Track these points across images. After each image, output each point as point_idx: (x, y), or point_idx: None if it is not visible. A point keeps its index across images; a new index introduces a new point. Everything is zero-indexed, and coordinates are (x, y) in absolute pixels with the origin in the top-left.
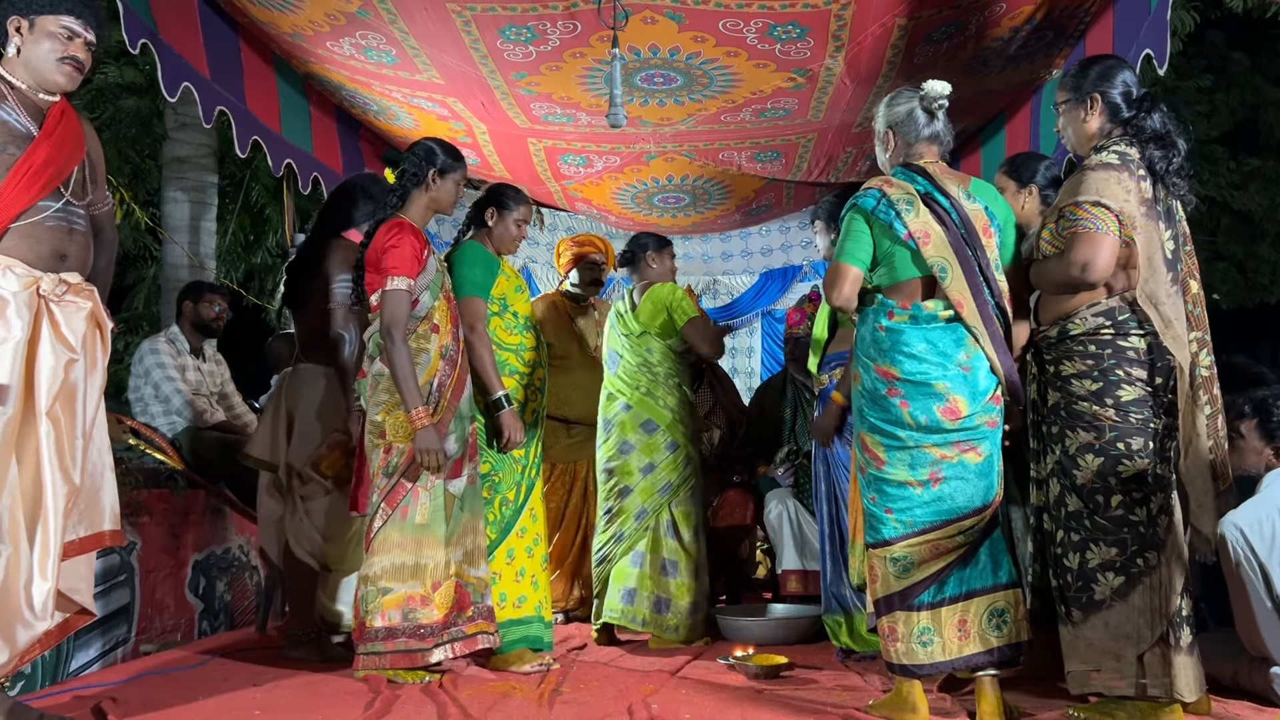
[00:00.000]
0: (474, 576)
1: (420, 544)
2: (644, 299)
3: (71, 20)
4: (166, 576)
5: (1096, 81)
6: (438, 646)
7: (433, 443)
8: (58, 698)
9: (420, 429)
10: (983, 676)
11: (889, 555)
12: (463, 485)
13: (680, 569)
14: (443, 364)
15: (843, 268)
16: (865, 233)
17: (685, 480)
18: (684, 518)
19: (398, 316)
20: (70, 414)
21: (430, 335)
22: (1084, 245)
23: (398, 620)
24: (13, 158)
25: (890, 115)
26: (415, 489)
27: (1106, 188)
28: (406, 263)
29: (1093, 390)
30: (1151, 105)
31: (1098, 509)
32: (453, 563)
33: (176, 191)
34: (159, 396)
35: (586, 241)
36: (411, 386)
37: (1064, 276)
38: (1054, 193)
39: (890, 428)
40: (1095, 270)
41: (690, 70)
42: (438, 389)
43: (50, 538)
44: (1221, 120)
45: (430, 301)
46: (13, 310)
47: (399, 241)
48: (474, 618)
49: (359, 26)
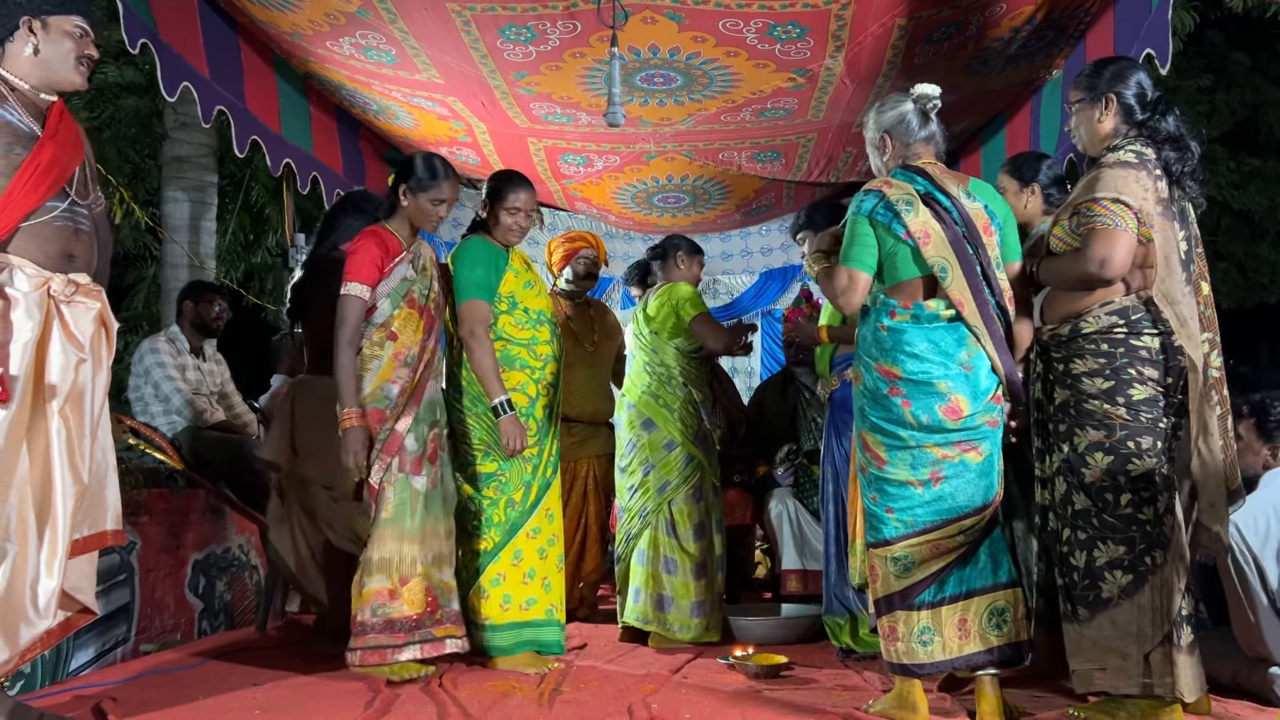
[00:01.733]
0: (439, 580)
1: (385, 539)
2: (656, 296)
3: (82, 20)
4: (166, 576)
5: (1111, 82)
6: (408, 645)
7: (354, 443)
8: (58, 697)
9: (348, 428)
10: (983, 676)
11: (890, 555)
12: (424, 481)
13: (679, 568)
14: (401, 369)
15: (854, 275)
16: (870, 235)
17: (686, 480)
18: (682, 516)
19: (346, 319)
20: (79, 413)
21: (386, 343)
22: (1102, 241)
23: (368, 616)
24: (19, 158)
25: (883, 120)
26: (382, 484)
27: (1125, 185)
28: (363, 270)
29: (1104, 389)
30: (1166, 108)
31: (1106, 507)
32: (419, 561)
33: (176, 191)
34: (159, 396)
35: (577, 237)
36: (348, 388)
37: (1080, 272)
38: (1056, 192)
39: (892, 427)
40: (1112, 266)
41: (690, 70)
42: (395, 395)
43: (59, 536)
44: (1221, 120)
45: (389, 310)
46: (23, 310)
47: (360, 249)
48: (442, 621)
49: (359, 26)
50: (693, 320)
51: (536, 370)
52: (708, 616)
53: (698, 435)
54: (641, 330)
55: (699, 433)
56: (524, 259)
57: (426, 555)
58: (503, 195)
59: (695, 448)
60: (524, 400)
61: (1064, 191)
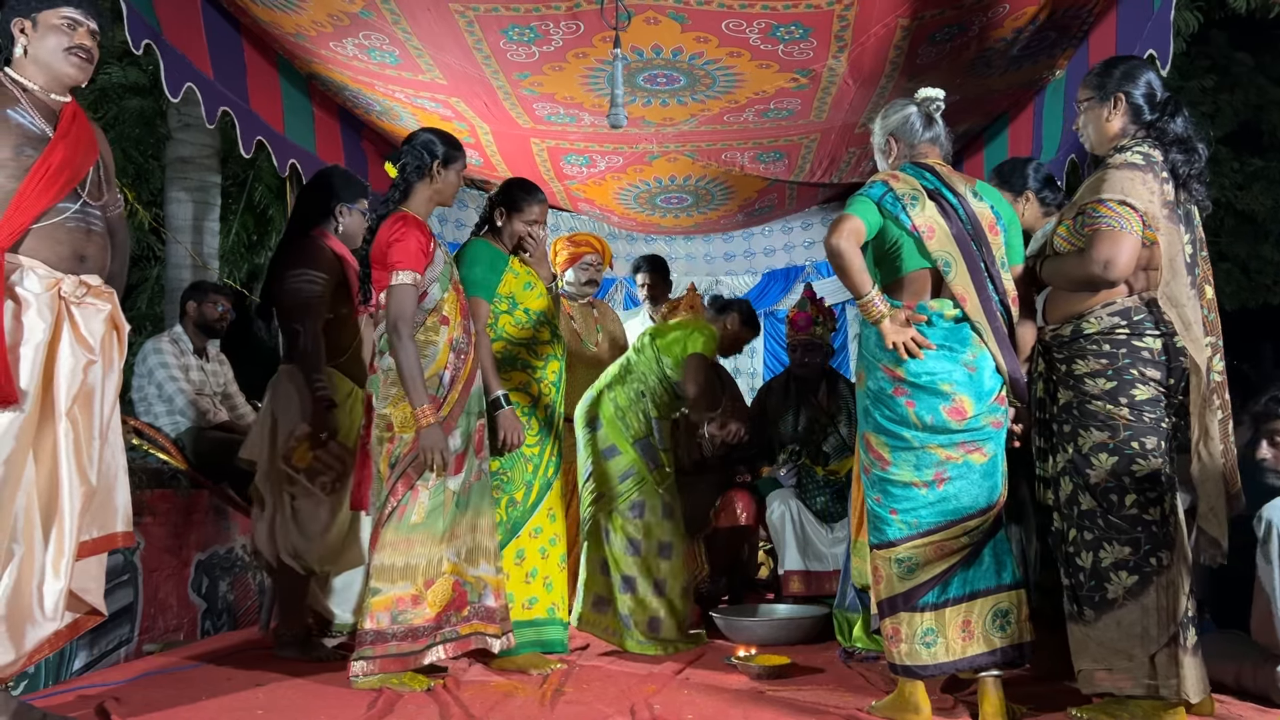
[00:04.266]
0: (473, 575)
1: (412, 543)
2: (680, 323)
3: (71, 10)
4: (169, 576)
5: (1120, 81)
6: (430, 648)
7: (437, 441)
8: (61, 697)
9: (425, 426)
10: (985, 677)
11: (893, 556)
12: (461, 481)
13: (612, 574)
14: (452, 356)
15: (845, 216)
16: (873, 208)
17: (623, 495)
18: (618, 529)
19: (404, 312)
20: (88, 415)
21: (440, 328)
22: (1106, 243)
23: (386, 623)
24: (30, 159)
25: (888, 124)
26: (415, 488)
27: (1132, 187)
28: (412, 256)
29: (1107, 389)
30: (1175, 109)
31: (1112, 508)
32: (447, 560)
33: (180, 192)
34: (162, 396)
35: (583, 242)
36: (418, 383)
37: (1084, 274)
38: (1050, 193)
39: (896, 428)
40: (1116, 268)
41: (693, 71)
42: (449, 383)
43: (65, 538)
44: (1225, 121)
45: (439, 294)
46: (34, 311)
47: (404, 235)
48: (469, 618)
49: (362, 27)
50: (692, 355)
51: (538, 370)
52: (648, 633)
53: (648, 449)
54: (644, 342)
55: (651, 448)
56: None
57: (455, 552)
58: (525, 210)
59: (645, 462)
60: (525, 400)
61: (1055, 190)
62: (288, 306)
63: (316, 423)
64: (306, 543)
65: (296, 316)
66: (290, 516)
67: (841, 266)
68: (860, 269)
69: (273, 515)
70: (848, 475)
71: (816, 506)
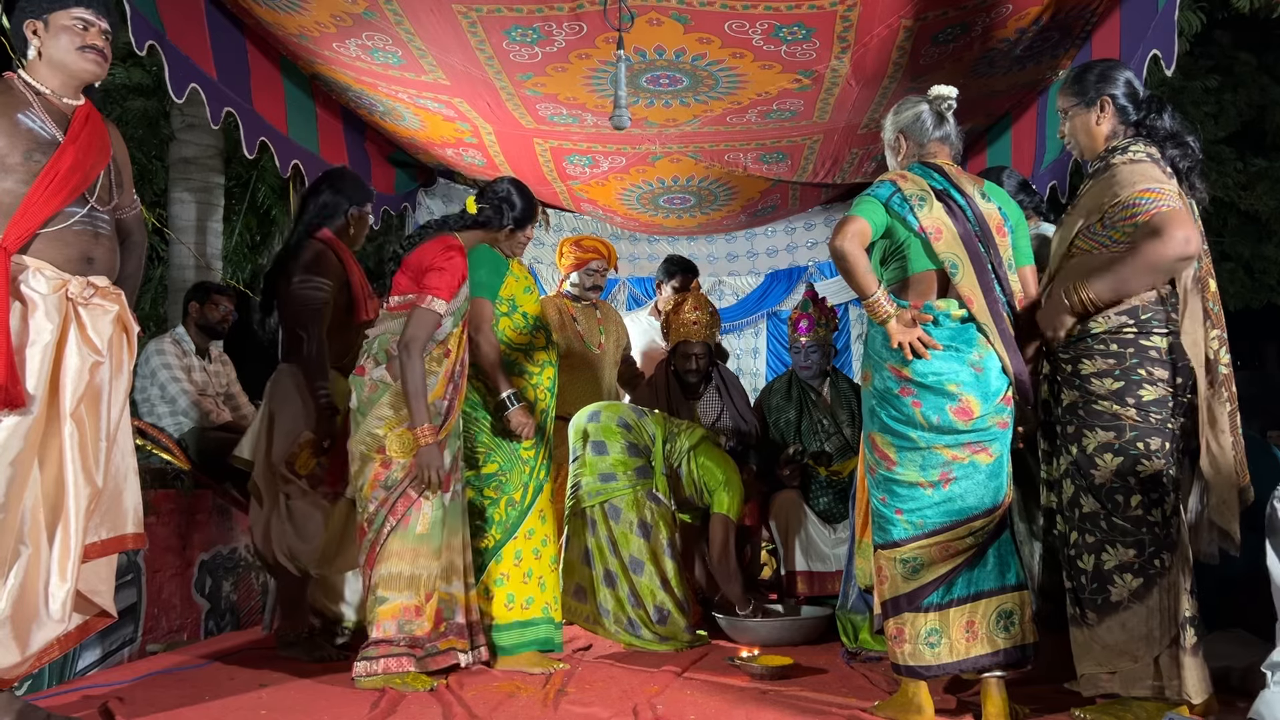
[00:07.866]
0: (447, 592)
1: (417, 554)
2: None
3: (83, 10)
4: (173, 576)
5: (1100, 84)
6: (425, 659)
7: (435, 459)
8: (65, 697)
9: (425, 445)
10: (989, 678)
11: (898, 557)
12: (450, 499)
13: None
14: (450, 387)
15: (850, 218)
16: (880, 209)
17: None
18: (602, 522)
19: (420, 335)
20: (95, 416)
21: (443, 359)
22: (1176, 221)
23: (393, 632)
24: (39, 164)
25: (899, 121)
26: (419, 500)
27: (1154, 173)
28: (450, 289)
29: (1114, 389)
30: (1160, 105)
31: (1116, 509)
32: (436, 577)
33: (183, 192)
34: (165, 397)
35: (590, 247)
36: (421, 402)
37: (1163, 260)
38: (1026, 196)
39: (902, 428)
40: (1194, 243)
41: (696, 71)
42: (445, 411)
43: (71, 539)
44: (1228, 120)
45: (451, 327)
46: (42, 312)
47: (449, 265)
48: (445, 634)
49: (365, 28)
50: (717, 516)
51: (535, 375)
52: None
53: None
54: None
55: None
56: (521, 264)
57: (441, 570)
58: (529, 221)
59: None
60: None
61: (1030, 194)
62: (293, 312)
63: (320, 429)
64: (301, 544)
65: (302, 323)
66: (286, 517)
67: (846, 268)
68: (866, 270)
69: (269, 514)
70: (850, 476)
71: (819, 507)
